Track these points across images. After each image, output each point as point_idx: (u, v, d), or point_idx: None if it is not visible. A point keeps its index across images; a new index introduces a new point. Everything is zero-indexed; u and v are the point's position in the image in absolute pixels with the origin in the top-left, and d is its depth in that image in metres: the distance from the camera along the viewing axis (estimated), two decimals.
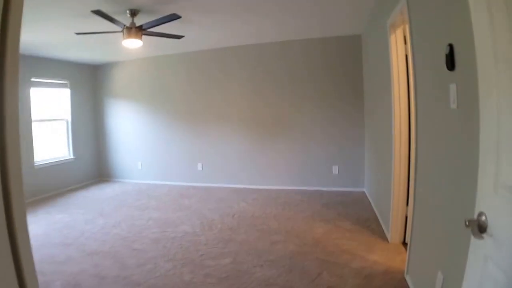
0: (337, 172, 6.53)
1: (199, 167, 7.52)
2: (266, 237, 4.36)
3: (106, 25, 4.48)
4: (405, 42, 3.55)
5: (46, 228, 5.21)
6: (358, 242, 4.05)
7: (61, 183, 7.65)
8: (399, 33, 3.59)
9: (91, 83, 8.61)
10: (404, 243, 3.85)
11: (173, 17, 4.06)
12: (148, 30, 4.58)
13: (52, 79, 7.58)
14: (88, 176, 8.48)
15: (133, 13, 4.42)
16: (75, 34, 4.90)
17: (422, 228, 2.74)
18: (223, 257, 3.84)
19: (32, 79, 7.04)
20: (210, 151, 7.41)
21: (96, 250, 4.24)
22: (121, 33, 4.54)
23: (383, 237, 4.15)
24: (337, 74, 6.35)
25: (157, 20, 4.19)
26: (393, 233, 3.93)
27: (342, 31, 5.98)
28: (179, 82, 7.63)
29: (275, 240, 4.23)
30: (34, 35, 5.42)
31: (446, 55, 1.93)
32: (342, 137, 6.46)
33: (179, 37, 5.06)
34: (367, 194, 5.99)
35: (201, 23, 5.19)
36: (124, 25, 4.39)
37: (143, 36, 4.68)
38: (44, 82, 7.37)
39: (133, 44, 4.65)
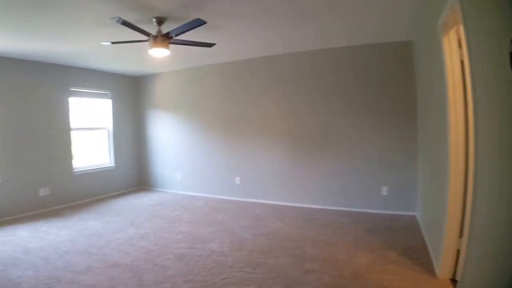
0: (386, 193, 5.90)
1: (237, 181, 7.27)
2: (299, 264, 3.93)
3: (134, 34, 4.38)
4: (460, 46, 3.06)
5: (75, 235, 5.15)
6: (402, 277, 3.54)
7: (101, 190, 7.73)
8: (452, 35, 3.11)
9: (132, 94, 8.74)
10: (454, 280, 3.34)
11: (198, 22, 3.81)
12: (176, 38, 4.42)
13: (93, 89, 7.75)
14: (128, 185, 8.51)
15: (160, 21, 4.29)
16: (102, 44, 4.91)
17: (478, 267, 2.27)
18: (247, 284, 3.48)
19: (71, 89, 7.21)
20: (248, 164, 7.14)
21: (118, 262, 4.06)
22: (148, 42, 4.44)
23: (431, 271, 3.61)
24: (386, 84, 5.79)
25: (182, 26, 3.97)
26: (443, 268, 3.41)
27: (390, 37, 5.49)
28: (217, 94, 7.48)
29: (309, 269, 3.79)
30: (67, 45, 5.53)
31: (511, 54, 1.54)
32: (393, 154, 5.82)
33: (210, 45, 4.83)
34: (418, 219, 5.37)
35: (232, 30, 4.96)
36: (151, 34, 4.28)
37: (176, 46, 4.56)
38: (84, 92, 7.56)
39: (160, 53, 4.49)
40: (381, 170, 5.90)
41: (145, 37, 4.41)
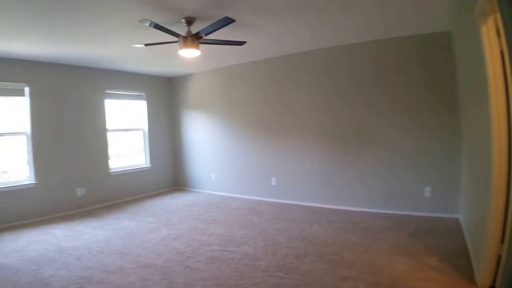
0: (429, 195, 5.49)
1: (273, 181, 7.08)
2: (335, 270, 3.67)
3: (165, 35, 4.33)
4: (499, 35, 2.71)
5: (110, 234, 5.14)
6: (442, 284, 3.24)
7: (136, 190, 7.77)
8: (491, 24, 2.76)
9: (166, 95, 8.77)
10: None
11: (227, 21, 3.69)
12: (205, 38, 4.32)
13: (128, 91, 7.83)
14: (164, 185, 8.52)
15: (189, 21, 4.22)
16: (134, 46, 4.91)
17: None
18: None
19: (107, 91, 7.31)
20: (284, 165, 6.92)
21: (149, 263, 3.96)
22: (178, 43, 4.39)
23: (471, 278, 3.27)
24: (426, 78, 5.38)
25: (211, 25, 3.87)
26: (482, 275, 3.09)
27: (429, 28, 5.10)
28: (251, 93, 7.32)
29: (345, 276, 3.52)
30: (101, 49, 5.63)
31: None
32: (436, 152, 5.40)
33: (240, 43, 4.69)
34: (461, 222, 4.98)
35: (262, 27, 4.79)
36: (180, 35, 4.21)
37: (208, 46, 4.50)
38: (119, 94, 7.65)
39: (190, 53, 4.41)
40: (424, 170, 5.50)
41: (175, 38, 4.35)
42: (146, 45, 4.61)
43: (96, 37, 4.90)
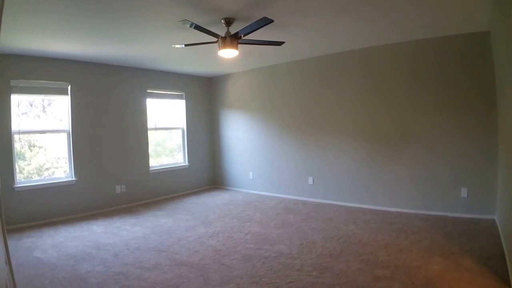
0: (466, 195, 5.23)
1: (310, 181, 6.94)
2: (370, 270, 3.52)
3: (204, 36, 4.36)
4: None
5: (147, 231, 5.17)
6: (476, 286, 3.00)
7: (174, 188, 7.84)
8: None
9: (205, 94, 8.82)
10: None
11: (266, 21, 3.65)
12: (244, 38, 4.29)
13: (168, 91, 7.92)
14: (201, 183, 8.56)
15: (228, 22, 4.22)
16: (174, 47, 4.90)
17: None
18: None
19: (148, 90, 7.41)
20: (322, 164, 6.77)
21: (186, 260, 3.94)
22: (217, 44, 4.38)
23: (506, 281, 3.05)
24: (465, 78, 5.13)
25: (250, 26, 3.84)
26: None
27: (468, 27, 4.87)
28: (288, 92, 7.21)
29: (379, 276, 3.37)
30: (142, 49, 5.73)
31: None
32: (473, 152, 5.14)
33: (278, 43, 4.62)
34: (498, 224, 4.69)
35: (300, 27, 4.71)
36: (219, 35, 4.21)
37: (247, 46, 4.52)
38: (160, 93, 7.76)
39: (229, 54, 4.41)
40: (460, 170, 5.27)
41: (214, 39, 4.35)
42: (186, 45, 4.63)
43: (136, 37, 4.97)
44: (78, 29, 4.44)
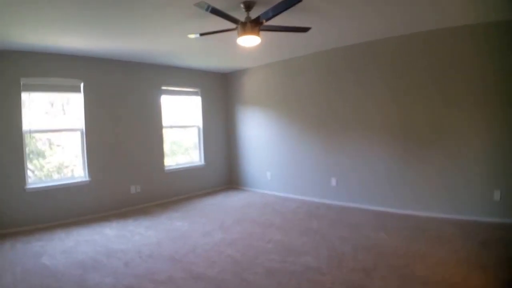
0: (499, 198, 4.79)
1: (333, 182, 6.53)
2: None
3: (221, 24, 4.03)
4: None
5: (161, 236, 4.88)
6: None
7: (190, 188, 7.55)
8: None
9: (221, 91, 8.47)
10: None
11: (292, 1, 3.23)
12: (266, 24, 3.89)
13: (183, 87, 7.62)
14: (218, 183, 8.24)
15: (248, 6, 3.81)
16: (189, 37, 4.50)
17: None
18: None
19: (163, 87, 7.12)
20: (346, 164, 6.34)
21: (203, 273, 3.60)
22: (236, 31, 3.98)
23: None
24: (499, 70, 4.70)
25: (274, 7, 3.42)
26: None
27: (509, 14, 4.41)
28: (310, 87, 6.78)
29: None
30: (156, 42, 5.40)
31: None
32: (507, 152, 4.72)
33: (304, 29, 4.20)
34: None
35: (327, 12, 4.26)
36: (239, 21, 3.80)
37: (266, 38, 4.20)
38: (175, 90, 7.47)
39: (250, 41, 3.99)
40: (494, 170, 4.84)
41: (233, 25, 3.96)
42: (201, 34, 4.24)
43: (148, 28, 4.65)
44: (86, 21, 4.19)
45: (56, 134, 5.89)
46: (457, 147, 5.10)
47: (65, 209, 5.68)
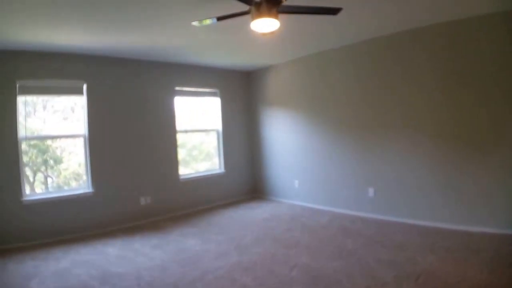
0: None
1: (370, 192, 5.67)
2: None
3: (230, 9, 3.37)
4: None
5: (168, 258, 4.20)
6: None
7: (208, 198, 6.87)
8: None
9: (243, 91, 7.75)
10: None
11: None
12: (286, 4, 3.13)
13: (200, 88, 6.96)
14: (239, 193, 7.49)
15: None
16: (193, 25, 3.69)
17: None
18: None
19: (177, 88, 6.48)
20: (386, 171, 5.47)
21: None
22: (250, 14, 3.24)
23: None
24: None
25: None
26: None
27: None
28: (344, 85, 5.96)
29: None
30: (160, 35, 4.75)
31: None
32: None
33: (334, 11, 3.35)
34: None
35: None
36: (253, 1, 3.07)
37: (290, 28, 3.70)
38: (190, 91, 6.84)
39: (267, 25, 3.23)
40: None
41: (246, 7, 3.23)
42: (206, 20, 3.53)
43: (152, 18, 4.04)
44: (84, 13, 3.68)
45: (57, 140, 5.41)
46: None
47: (66, 224, 5.11)
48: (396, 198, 5.35)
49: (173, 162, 6.34)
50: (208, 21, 3.55)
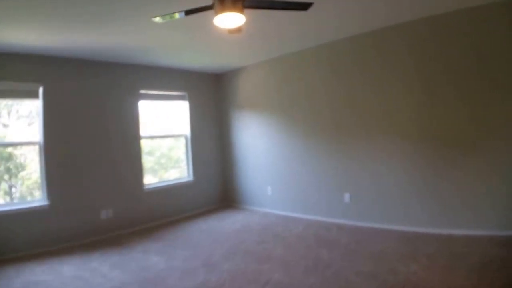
0: None
1: (347, 198, 5.42)
2: None
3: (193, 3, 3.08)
4: None
5: (129, 279, 3.78)
6: None
7: (177, 209, 6.45)
8: None
9: (212, 94, 7.43)
10: None
11: None
12: None
13: (167, 91, 6.56)
14: (210, 201, 7.12)
15: None
16: (153, 21, 3.27)
17: None
18: None
19: (141, 91, 6.07)
20: (361, 176, 5.25)
21: None
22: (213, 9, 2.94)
23: None
24: None
25: None
26: None
27: None
28: (318, 86, 5.71)
29: None
30: (120, 34, 4.40)
31: None
32: None
33: (304, 6, 3.06)
34: None
35: None
36: None
37: (261, 25, 3.49)
38: (157, 94, 6.42)
39: (231, 21, 2.94)
40: None
41: (209, 1, 2.93)
42: (163, 17, 3.18)
43: (109, 15, 3.69)
44: (34, 9, 3.35)
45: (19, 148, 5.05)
46: (506, 148, 4.07)
47: (20, 240, 4.64)
48: (373, 203, 5.14)
49: (137, 171, 5.91)
50: (168, 17, 3.20)
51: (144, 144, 6.17)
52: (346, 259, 3.94)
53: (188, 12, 3.07)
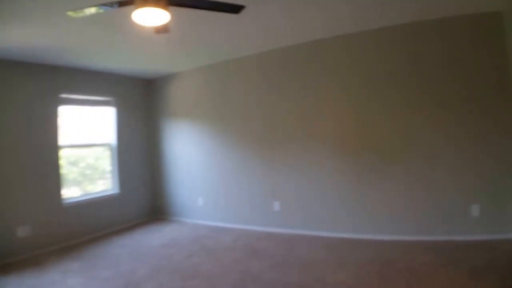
0: (478, 214, 4.20)
1: (276, 206, 5.46)
2: None
3: None
4: None
5: None
6: None
7: (99, 225, 6.03)
8: None
9: (143, 101, 7.12)
10: None
11: None
12: None
13: (91, 96, 6.14)
14: (137, 215, 6.79)
15: None
16: (69, 15, 2.95)
17: None
18: None
19: (62, 95, 5.61)
20: (290, 184, 5.32)
21: None
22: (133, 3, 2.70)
23: None
24: (475, 65, 4.17)
25: None
26: None
27: (474, 7, 3.95)
28: (249, 95, 5.75)
29: None
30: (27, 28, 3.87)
31: None
32: (484, 161, 4.21)
33: (235, 8, 2.98)
34: None
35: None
36: None
37: (189, 31, 3.39)
38: (80, 99, 5.98)
39: (154, 18, 2.73)
40: (471, 184, 4.29)
41: None
42: (76, 11, 2.88)
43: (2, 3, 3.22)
44: None
45: None
46: (426, 158, 4.48)
47: None
48: (301, 211, 5.28)
49: (56, 183, 5.44)
50: (87, 11, 2.84)
51: (67, 154, 5.73)
52: (274, 270, 3.92)
53: (106, 5, 2.79)
